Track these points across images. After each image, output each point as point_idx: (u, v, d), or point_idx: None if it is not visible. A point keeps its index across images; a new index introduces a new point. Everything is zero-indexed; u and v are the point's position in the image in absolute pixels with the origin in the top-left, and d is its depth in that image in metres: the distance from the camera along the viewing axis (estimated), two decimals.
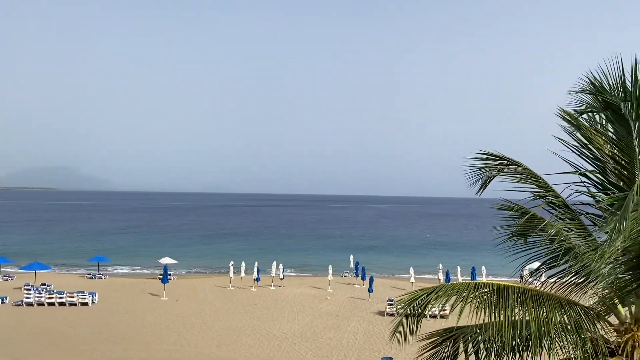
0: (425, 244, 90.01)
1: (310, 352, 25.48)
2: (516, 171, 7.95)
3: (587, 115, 7.65)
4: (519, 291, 6.99)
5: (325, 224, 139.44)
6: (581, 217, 7.58)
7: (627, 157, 6.78)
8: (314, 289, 44.13)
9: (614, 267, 6.71)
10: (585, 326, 6.74)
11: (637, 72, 6.34)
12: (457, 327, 7.77)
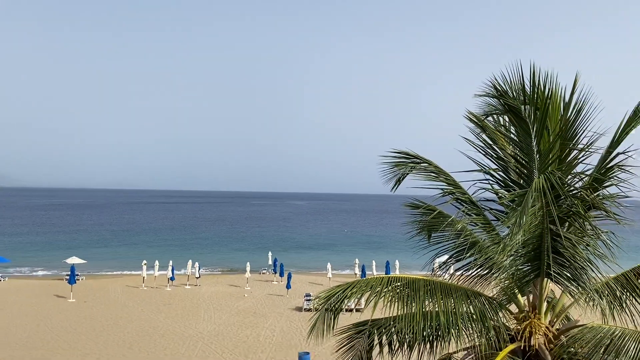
0: (342, 240, 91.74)
1: (227, 351, 25.17)
2: (427, 169, 8.30)
3: (492, 118, 8.14)
4: (429, 284, 7.32)
5: (245, 221, 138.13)
6: (485, 213, 8.06)
7: (526, 157, 7.27)
8: (231, 287, 43.61)
9: (515, 259, 7.20)
10: (489, 315, 7.18)
11: (534, 78, 6.80)
12: (372, 320, 8.00)
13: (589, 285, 6.98)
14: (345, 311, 8.09)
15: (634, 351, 6.19)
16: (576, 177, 7.26)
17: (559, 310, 7.75)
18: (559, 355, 6.89)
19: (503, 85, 7.11)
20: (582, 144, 7.15)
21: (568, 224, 7.12)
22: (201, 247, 76.56)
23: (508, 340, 7.30)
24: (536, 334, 7.19)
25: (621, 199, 7.22)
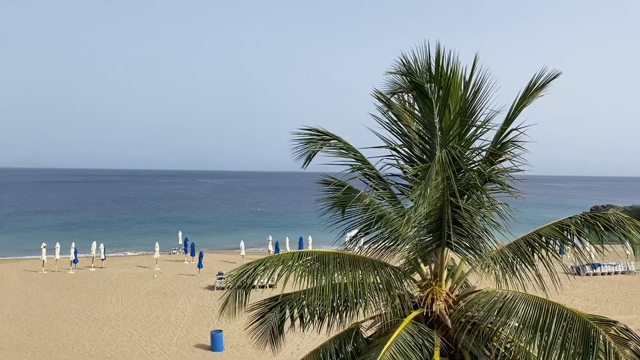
0: (255, 218, 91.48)
1: (135, 332, 24.43)
2: (337, 145, 8.44)
3: (398, 96, 8.40)
4: (339, 257, 7.50)
5: (153, 201, 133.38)
6: (392, 187, 8.37)
7: (429, 133, 7.58)
8: (139, 268, 42.15)
9: (418, 230, 7.56)
10: (394, 284, 7.51)
11: (439, 58, 7.07)
12: (283, 295, 8.10)
13: (485, 253, 7.50)
14: (259, 287, 8.13)
15: (523, 312, 6.74)
16: (474, 152, 7.69)
17: (458, 277, 8.26)
18: (457, 319, 7.36)
19: (411, 63, 7.32)
20: (479, 121, 7.56)
21: (467, 196, 7.55)
22: (107, 228, 73.12)
23: (412, 308, 7.70)
24: (437, 300, 7.63)
25: (514, 172, 7.76)
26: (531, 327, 6.55)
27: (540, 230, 8.23)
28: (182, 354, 21.87)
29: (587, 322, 6.29)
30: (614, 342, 5.95)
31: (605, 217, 8.07)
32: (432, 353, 7.01)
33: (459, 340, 7.33)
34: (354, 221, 8.56)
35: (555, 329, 6.38)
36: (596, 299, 32.21)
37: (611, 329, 6.16)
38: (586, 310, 27.65)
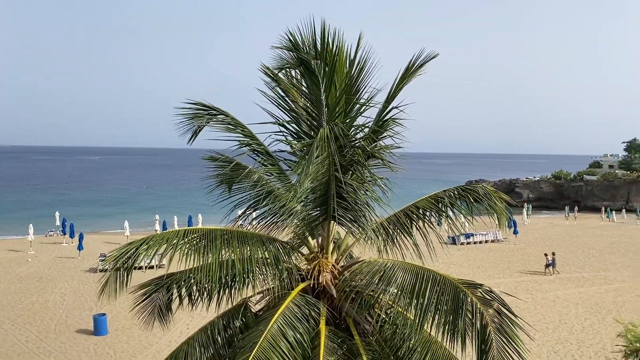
0: (140, 197, 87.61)
1: (7, 321, 22.58)
2: (224, 121, 8.29)
3: (286, 71, 8.40)
4: (226, 234, 7.44)
5: (26, 179, 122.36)
6: (280, 163, 8.43)
7: (316, 110, 7.70)
8: (10, 252, 38.75)
9: (305, 205, 7.71)
10: (282, 259, 7.63)
11: (324, 34, 7.16)
12: (168, 274, 7.90)
13: (368, 226, 7.85)
14: (146, 268, 7.85)
15: (401, 279, 7.18)
16: (358, 129, 7.96)
17: (344, 249, 8.58)
18: (342, 289, 7.67)
19: (297, 39, 7.33)
20: (363, 98, 7.82)
21: (351, 171, 7.82)
22: None
23: (300, 280, 7.88)
24: (324, 271, 7.88)
25: (395, 149, 8.16)
26: (409, 292, 7.00)
27: (418, 203, 8.76)
28: (62, 340, 20.61)
29: (457, 286, 6.85)
30: (480, 302, 6.55)
31: (475, 190, 8.77)
32: (318, 322, 7.26)
33: (344, 309, 7.66)
34: (244, 198, 8.51)
35: (429, 294, 6.89)
36: (469, 265, 35.20)
37: (477, 292, 6.77)
38: (460, 275, 30.03)
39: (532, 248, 41.33)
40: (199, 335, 8.02)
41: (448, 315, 6.63)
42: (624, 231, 52.25)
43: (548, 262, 32.54)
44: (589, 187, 74.46)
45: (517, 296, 26.55)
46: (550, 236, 48.51)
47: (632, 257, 37.96)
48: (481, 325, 6.37)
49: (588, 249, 41.36)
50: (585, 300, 26.50)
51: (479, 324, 6.38)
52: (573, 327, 22.27)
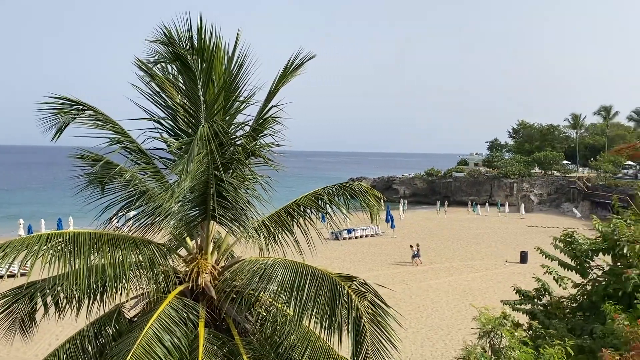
0: (2, 198, 79.39)
1: None
2: (93, 117, 7.78)
3: (161, 66, 8.07)
4: (96, 237, 6.98)
5: None
6: (156, 162, 8.09)
7: (194, 106, 7.50)
8: None
9: (183, 205, 7.48)
10: (158, 262, 7.33)
11: (201, 30, 6.99)
12: (29, 283, 7.26)
13: (249, 224, 7.82)
14: (7, 277, 7.10)
15: (282, 276, 7.25)
16: (238, 127, 7.89)
17: (225, 249, 8.46)
18: (222, 289, 7.56)
19: (172, 33, 7.08)
20: (243, 96, 7.76)
21: (231, 170, 7.73)
22: None
23: (177, 283, 7.64)
24: (203, 273, 7.72)
25: (275, 147, 8.20)
26: (288, 289, 7.09)
27: (299, 200, 8.90)
28: None
29: (334, 280, 7.08)
30: (355, 295, 6.82)
31: (351, 188, 9.10)
32: (196, 325, 7.09)
33: (223, 309, 7.55)
34: (116, 198, 8.05)
35: (308, 289, 7.03)
36: (351, 259, 36.50)
37: (353, 284, 7.04)
38: (342, 270, 31.14)
39: (408, 241, 43.78)
40: (67, 346, 7.47)
41: (326, 309, 6.82)
42: (487, 223, 57.37)
43: (414, 253, 34.74)
44: (458, 183, 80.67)
45: (393, 287, 28.04)
46: (424, 229, 51.84)
47: (495, 247, 41.81)
48: (356, 316, 6.63)
49: (457, 240, 44.83)
50: (455, 288, 28.69)
51: (354, 316, 6.64)
52: (444, 314, 24.00)
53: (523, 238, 44.79)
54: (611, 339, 6.10)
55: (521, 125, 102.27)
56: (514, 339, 6.45)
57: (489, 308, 7.17)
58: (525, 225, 54.58)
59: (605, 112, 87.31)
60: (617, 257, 8.80)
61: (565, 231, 9.70)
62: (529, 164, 78.42)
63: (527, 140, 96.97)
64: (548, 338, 7.40)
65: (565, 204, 69.06)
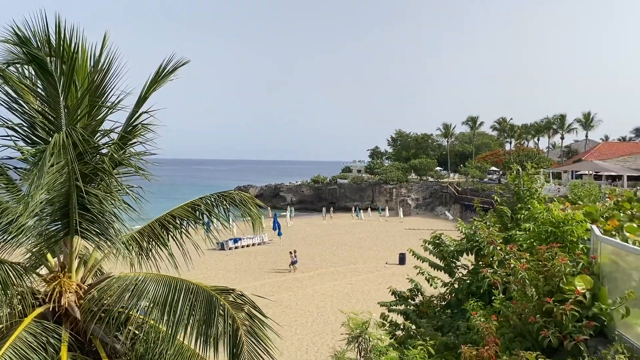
0: None
1: None
2: None
3: (16, 68, 7.35)
4: None
5: None
6: (10, 172, 7.34)
7: (54, 112, 6.92)
8: None
9: (40, 219, 6.85)
10: (12, 282, 6.64)
11: (60, 30, 6.48)
12: None
13: (117, 239, 7.34)
14: None
15: (154, 292, 6.91)
16: (105, 135, 7.41)
17: (92, 266, 7.87)
18: (88, 309, 7.02)
19: (26, 32, 6.48)
20: (111, 101, 7.31)
21: (97, 181, 7.23)
22: None
23: (36, 305, 6.97)
24: (66, 292, 7.11)
25: (148, 156, 7.82)
26: (161, 305, 6.77)
27: (174, 212, 8.56)
28: None
29: (210, 293, 6.89)
30: (231, 307, 6.69)
31: (231, 197, 8.93)
32: (59, 350, 6.50)
33: (89, 330, 7.02)
34: None
35: (183, 303, 6.77)
36: (237, 269, 36.00)
37: (230, 297, 6.91)
38: (228, 280, 30.61)
39: (295, 248, 44.31)
40: None
41: (201, 323, 6.61)
42: (370, 227, 59.76)
43: (293, 259, 35.14)
44: (342, 189, 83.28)
45: (280, 295, 28.13)
46: (310, 235, 52.69)
47: (376, 250, 43.61)
48: (233, 329, 6.50)
49: (342, 245, 46.11)
50: (339, 292, 29.42)
51: (231, 328, 6.50)
52: (328, 319, 24.48)
53: (401, 240, 47.19)
54: (472, 334, 6.57)
55: (399, 134, 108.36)
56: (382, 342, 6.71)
57: (357, 313, 7.41)
58: (403, 228, 57.63)
59: (472, 122, 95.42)
60: (479, 256, 9.54)
61: (433, 234, 10.34)
62: (407, 170, 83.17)
63: (404, 148, 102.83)
64: (419, 337, 7.80)
65: (438, 207, 74.09)
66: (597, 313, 5.97)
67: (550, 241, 7.35)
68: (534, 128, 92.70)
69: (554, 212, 7.84)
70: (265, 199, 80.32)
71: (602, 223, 8.70)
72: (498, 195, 11.11)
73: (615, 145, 69.90)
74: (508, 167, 11.13)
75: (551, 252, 6.56)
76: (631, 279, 6.06)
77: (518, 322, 6.24)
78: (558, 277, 6.18)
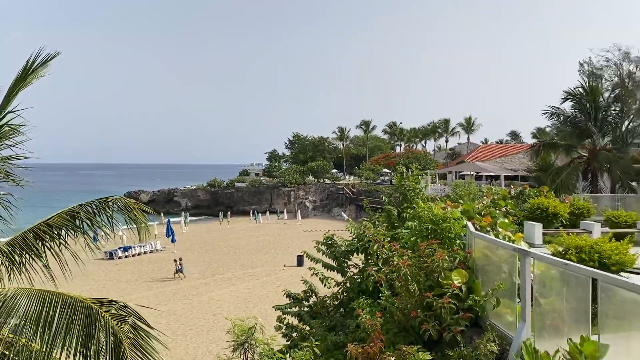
0: None
1: None
2: None
3: None
4: None
5: None
6: None
7: None
8: None
9: None
10: None
11: None
12: None
13: None
14: None
15: (25, 308, 6.34)
16: None
17: None
18: None
19: None
20: None
21: None
22: None
23: None
24: None
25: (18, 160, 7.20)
26: (34, 321, 6.23)
27: (50, 220, 7.91)
28: None
29: (91, 307, 6.45)
30: (114, 320, 6.32)
31: (114, 202, 8.45)
32: None
33: None
34: None
35: (59, 319, 6.28)
36: (127, 279, 34.22)
37: (112, 309, 6.52)
38: (117, 291, 29.02)
39: (190, 254, 43.03)
40: None
41: (80, 339, 6.17)
42: (268, 230, 59.70)
43: (178, 267, 34.00)
44: (240, 193, 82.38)
45: (175, 303, 27.23)
46: (207, 241, 51.51)
47: (275, 253, 43.64)
48: (116, 343, 6.14)
49: (239, 250, 45.58)
50: (236, 297, 29.03)
51: (113, 343, 6.14)
52: (225, 326, 23.91)
53: (299, 242, 47.66)
54: (359, 332, 6.77)
55: (296, 137, 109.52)
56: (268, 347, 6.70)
57: (243, 319, 7.34)
58: (301, 230, 58.23)
59: (365, 126, 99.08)
60: (368, 255, 9.88)
61: (326, 235, 10.54)
62: (304, 173, 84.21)
63: (301, 151, 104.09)
64: (312, 338, 7.90)
65: (335, 209, 75.82)
66: (472, 305, 6.40)
67: (431, 238, 7.79)
68: (421, 132, 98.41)
69: (434, 211, 8.32)
70: (159, 204, 77.32)
71: (478, 220, 9.39)
72: (386, 195, 11.58)
73: (494, 148, 75.76)
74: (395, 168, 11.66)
75: (431, 248, 6.94)
76: (501, 271, 6.57)
77: (402, 318, 6.52)
78: (437, 272, 6.55)
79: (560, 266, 5.26)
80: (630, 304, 4.27)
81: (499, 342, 5.81)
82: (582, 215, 17.31)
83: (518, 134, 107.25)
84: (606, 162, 25.26)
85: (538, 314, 5.60)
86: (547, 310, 5.63)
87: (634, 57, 30.29)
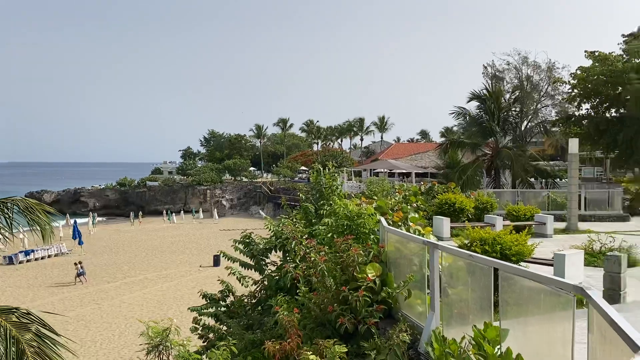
0: None
1: None
2: None
3: None
4: None
5: None
6: None
7: None
8: None
9: None
10: None
11: None
12: None
13: None
14: None
15: None
16: None
17: None
18: None
19: None
20: None
21: None
22: None
23: None
24: None
25: None
26: None
27: None
28: None
29: None
30: (15, 328, 5.92)
31: (14, 203, 7.93)
32: None
33: None
34: None
35: None
36: (29, 285, 32.02)
37: (12, 316, 6.11)
38: (17, 298, 27.06)
39: (99, 257, 41.02)
40: None
41: None
42: (183, 230, 58.13)
43: (79, 271, 32.30)
44: (152, 192, 79.44)
45: (83, 308, 25.91)
46: (117, 243, 49.27)
47: (190, 253, 42.59)
48: (17, 352, 5.76)
49: (152, 251, 44.02)
50: (149, 300, 28.05)
51: (15, 353, 5.75)
52: (138, 329, 23.06)
53: (216, 242, 46.88)
54: (277, 329, 6.81)
55: (212, 134, 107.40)
56: (183, 349, 6.58)
57: (158, 321, 7.16)
58: (218, 230, 57.27)
59: (283, 124, 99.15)
60: (286, 252, 9.93)
61: (243, 233, 10.47)
62: (220, 171, 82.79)
63: (217, 148, 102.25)
64: (229, 338, 7.82)
65: (253, 207, 75.27)
66: (385, 297, 6.65)
67: (347, 234, 7.98)
68: (337, 130, 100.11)
69: (350, 207, 8.53)
70: (64, 205, 72.93)
71: (390, 215, 9.75)
72: (304, 193, 11.70)
73: (406, 146, 78.71)
74: (313, 166, 11.83)
75: (347, 243, 7.13)
76: (412, 264, 6.87)
77: (319, 313, 6.64)
78: (352, 266, 6.74)
79: (466, 258, 5.59)
80: (528, 292, 4.64)
81: (411, 332, 6.08)
82: (486, 210, 18.50)
83: (427, 133, 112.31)
84: (507, 159, 27.10)
85: (446, 304, 5.92)
86: (455, 300, 5.96)
87: (531, 62, 32.69)
